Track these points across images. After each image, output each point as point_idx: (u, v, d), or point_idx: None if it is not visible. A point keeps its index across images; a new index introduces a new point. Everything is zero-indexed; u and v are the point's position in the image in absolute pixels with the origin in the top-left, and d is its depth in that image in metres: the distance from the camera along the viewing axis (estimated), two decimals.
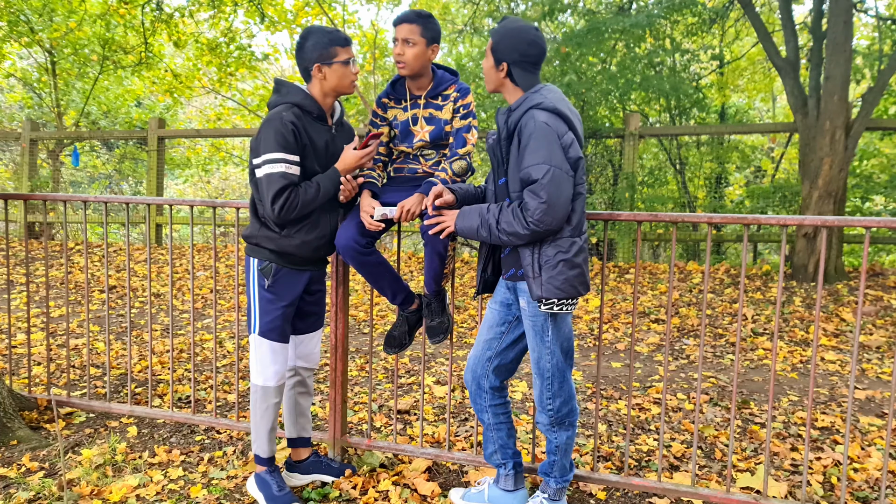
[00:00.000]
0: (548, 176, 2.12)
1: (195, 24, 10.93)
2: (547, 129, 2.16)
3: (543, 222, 2.14)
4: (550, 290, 2.21)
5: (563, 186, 2.15)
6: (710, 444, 3.23)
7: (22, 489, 2.69)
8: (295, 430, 2.77)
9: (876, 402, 3.81)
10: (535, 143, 2.15)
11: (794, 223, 2.39)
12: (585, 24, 7.43)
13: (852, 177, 7.15)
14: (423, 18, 2.51)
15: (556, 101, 2.23)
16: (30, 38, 10.20)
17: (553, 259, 2.21)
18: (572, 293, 2.24)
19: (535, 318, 2.33)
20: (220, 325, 5.47)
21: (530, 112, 2.20)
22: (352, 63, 2.45)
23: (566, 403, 2.40)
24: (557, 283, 2.21)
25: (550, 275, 2.21)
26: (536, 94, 2.24)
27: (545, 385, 2.37)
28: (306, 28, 2.45)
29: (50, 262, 7.71)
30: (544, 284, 2.21)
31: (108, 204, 3.28)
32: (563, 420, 2.40)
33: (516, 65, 2.26)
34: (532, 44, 2.26)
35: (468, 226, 2.30)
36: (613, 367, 4.46)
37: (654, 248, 9.33)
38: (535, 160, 2.14)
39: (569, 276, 2.22)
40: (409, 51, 2.50)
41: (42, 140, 10.19)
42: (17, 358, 4.35)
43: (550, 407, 2.38)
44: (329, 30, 2.43)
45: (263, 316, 2.48)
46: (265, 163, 2.35)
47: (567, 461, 2.48)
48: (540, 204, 2.12)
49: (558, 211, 2.14)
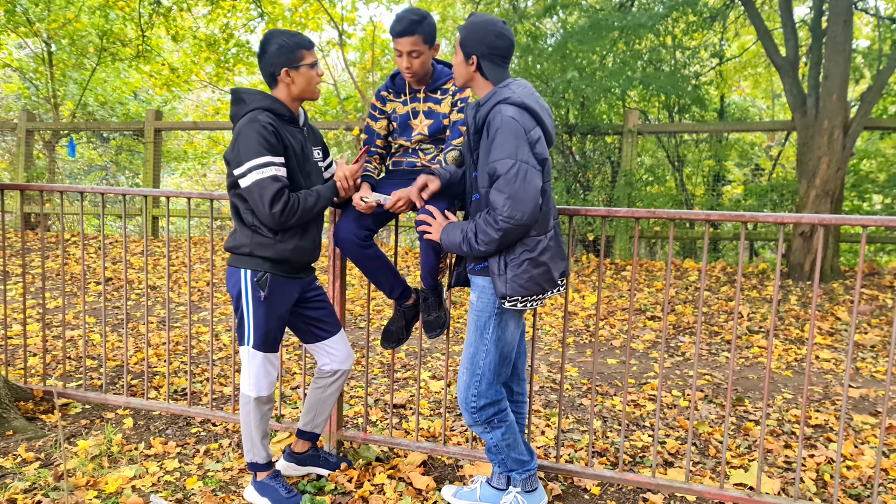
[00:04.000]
0: (513, 170, 2.12)
1: (193, 19, 10.88)
2: (514, 124, 2.15)
3: (513, 218, 2.12)
4: (515, 289, 2.21)
5: (531, 180, 2.14)
6: (704, 441, 3.24)
7: (18, 479, 2.69)
8: (311, 424, 2.74)
9: (870, 400, 3.83)
10: (500, 137, 2.15)
11: (792, 221, 2.39)
12: (587, 21, 7.42)
13: (850, 176, 7.16)
14: (420, 25, 2.44)
15: (524, 96, 2.22)
16: (27, 29, 10.14)
17: (519, 257, 2.21)
18: (536, 291, 2.23)
19: (480, 314, 2.32)
20: (217, 318, 5.47)
21: (498, 107, 2.20)
22: (317, 66, 2.43)
23: (492, 405, 2.36)
24: (522, 281, 2.20)
25: (515, 273, 2.20)
26: (505, 89, 2.24)
27: (473, 381, 2.34)
28: (268, 32, 2.40)
29: (46, 253, 7.70)
30: (509, 282, 2.21)
31: (104, 195, 3.27)
32: (491, 419, 2.37)
33: (485, 58, 2.26)
34: (499, 36, 2.26)
35: (452, 241, 2.30)
36: (609, 364, 4.48)
37: (651, 246, 9.34)
38: (500, 155, 2.14)
39: (534, 275, 2.21)
40: (416, 62, 2.49)
41: (38, 131, 10.15)
42: (13, 349, 4.35)
43: (474, 405, 2.35)
44: (293, 33, 2.39)
45: (258, 328, 2.42)
46: (251, 170, 2.27)
47: (517, 453, 2.45)
48: (506, 200, 2.12)
49: (527, 204, 2.13)
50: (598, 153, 8.25)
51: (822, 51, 6.26)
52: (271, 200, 2.27)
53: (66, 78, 11.50)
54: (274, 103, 2.39)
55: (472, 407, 2.36)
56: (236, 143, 2.33)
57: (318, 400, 2.70)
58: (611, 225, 7.41)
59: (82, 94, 11.18)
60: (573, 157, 8.11)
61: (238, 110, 2.40)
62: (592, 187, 8.02)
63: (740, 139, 8.68)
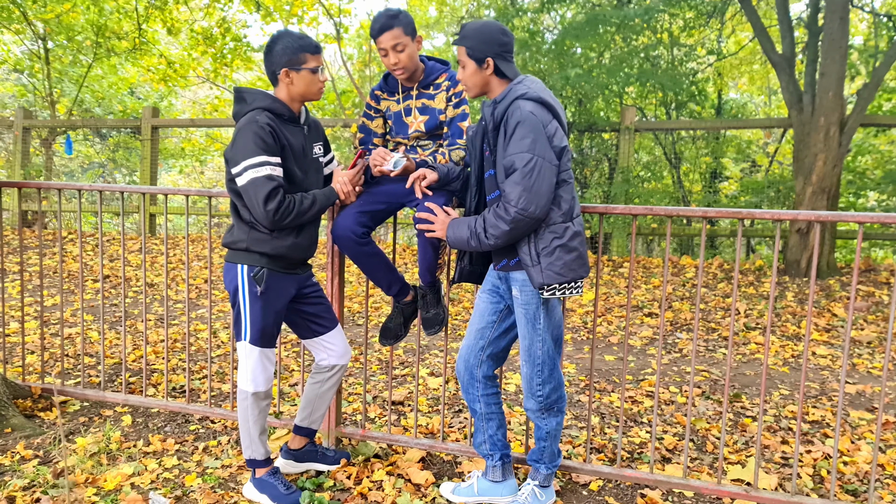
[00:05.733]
0: (529, 164, 2.15)
1: (190, 12, 10.84)
2: (533, 119, 2.18)
3: (526, 210, 2.15)
4: (551, 276, 2.23)
5: (545, 176, 2.17)
6: (701, 437, 3.26)
7: (17, 477, 2.69)
8: (308, 420, 2.75)
9: (866, 396, 3.85)
10: (520, 132, 2.18)
11: (788, 218, 2.40)
12: (584, 18, 7.41)
13: (846, 173, 7.18)
14: (397, 18, 2.47)
15: (539, 91, 2.26)
16: (22, 24, 10.10)
17: (550, 245, 2.23)
18: (572, 276, 2.26)
19: (527, 307, 2.34)
20: (215, 316, 5.47)
21: (516, 102, 2.22)
22: (320, 71, 2.43)
23: (556, 390, 2.43)
24: (556, 268, 2.23)
25: (549, 261, 2.23)
26: (520, 85, 2.26)
27: (535, 371, 2.39)
28: (277, 32, 2.42)
29: (44, 250, 7.68)
30: (544, 271, 2.23)
31: (102, 193, 3.27)
32: (553, 406, 2.44)
33: (499, 57, 2.29)
34: (504, 32, 2.30)
35: (458, 237, 2.31)
36: (607, 361, 4.49)
37: (648, 243, 9.36)
38: (519, 149, 2.17)
39: (567, 261, 2.24)
40: (402, 55, 2.50)
41: (35, 128, 10.12)
42: (11, 347, 4.34)
43: (540, 393, 2.41)
44: (300, 35, 2.40)
45: (255, 323, 2.43)
46: (247, 169, 2.30)
47: (556, 447, 2.51)
48: (522, 192, 2.14)
49: (540, 198, 2.16)
50: (596, 150, 8.26)
51: (819, 48, 6.27)
52: (265, 199, 2.29)
53: (63, 75, 11.46)
54: (274, 103, 2.40)
55: (539, 395, 2.41)
56: (234, 141, 2.35)
57: (315, 395, 2.71)
58: (608, 222, 7.42)
59: (79, 91, 11.15)
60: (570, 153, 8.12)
61: (240, 109, 2.42)
62: (590, 184, 8.03)
63: (737, 136, 8.69)
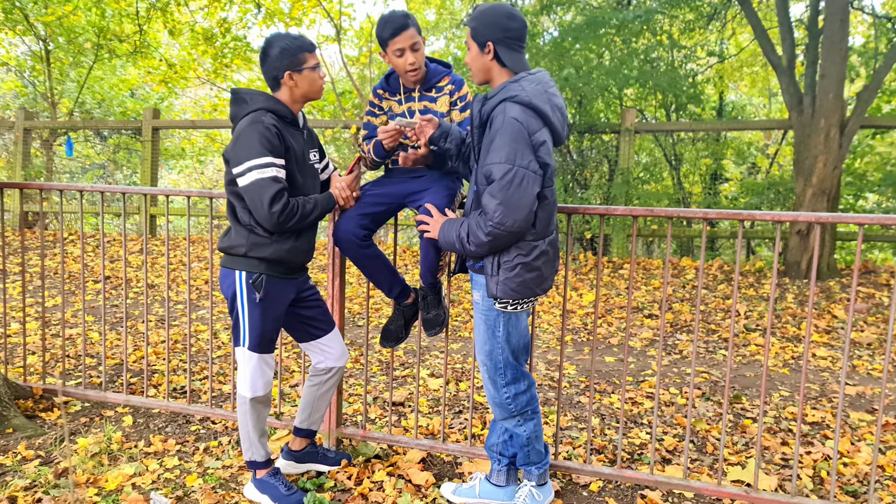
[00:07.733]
0: (508, 176, 2.05)
1: (191, 13, 10.85)
2: (516, 126, 2.07)
3: (504, 225, 2.08)
4: (505, 291, 2.20)
5: (527, 187, 2.07)
6: (701, 438, 3.26)
7: (18, 477, 2.70)
8: (308, 422, 2.75)
9: (866, 398, 3.86)
10: (500, 139, 2.08)
11: (789, 219, 2.41)
12: (583, 19, 7.43)
13: (846, 174, 7.18)
14: (410, 18, 2.46)
15: (533, 95, 2.13)
16: (24, 26, 10.12)
17: (512, 261, 2.18)
18: (527, 294, 2.22)
19: (487, 313, 2.31)
20: (215, 317, 5.47)
21: (503, 104, 2.12)
22: (319, 68, 2.43)
23: (524, 392, 2.37)
24: (513, 284, 2.19)
25: (508, 276, 2.19)
26: (516, 84, 2.15)
27: (498, 374, 2.34)
28: (270, 35, 2.40)
29: (45, 251, 7.68)
30: (500, 284, 2.19)
31: (103, 194, 3.27)
32: (525, 409, 2.38)
33: (500, 42, 2.17)
34: (511, 17, 2.17)
35: (447, 238, 2.29)
36: (607, 362, 4.49)
37: (648, 244, 9.36)
38: (497, 158, 2.07)
39: (526, 279, 2.20)
40: (419, 55, 2.49)
41: (36, 129, 10.13)
42: (12, 347, 4.35)
43: (507, 394, 2.36)
44: (295, 36, 2.39)
45: (254, 330, 2.42)
46: (251, 169, 2.27)
47: (540, 445, 2.47)
48: (497, 206, 2.07)
49: (520, 212, 2.08)
50: (596, 151, 8.26)
51: (819, 50, 6.28)
52: (271, 201, 2.27)
53: (64, 76, 11.48)
54: (276, 105, 2.39)
55: (507, 396, 2.35)
56: (237, 141, 2.32)
57: (313, 398, 2.71)
58: (608, 223, 7.42)
59: (79, 92, 11.16)
60: (570, 155, 8.13)
61: (239, 110, 2.40)
62: (590, 186, 8.03)
63: (737, 138, 8.70)
